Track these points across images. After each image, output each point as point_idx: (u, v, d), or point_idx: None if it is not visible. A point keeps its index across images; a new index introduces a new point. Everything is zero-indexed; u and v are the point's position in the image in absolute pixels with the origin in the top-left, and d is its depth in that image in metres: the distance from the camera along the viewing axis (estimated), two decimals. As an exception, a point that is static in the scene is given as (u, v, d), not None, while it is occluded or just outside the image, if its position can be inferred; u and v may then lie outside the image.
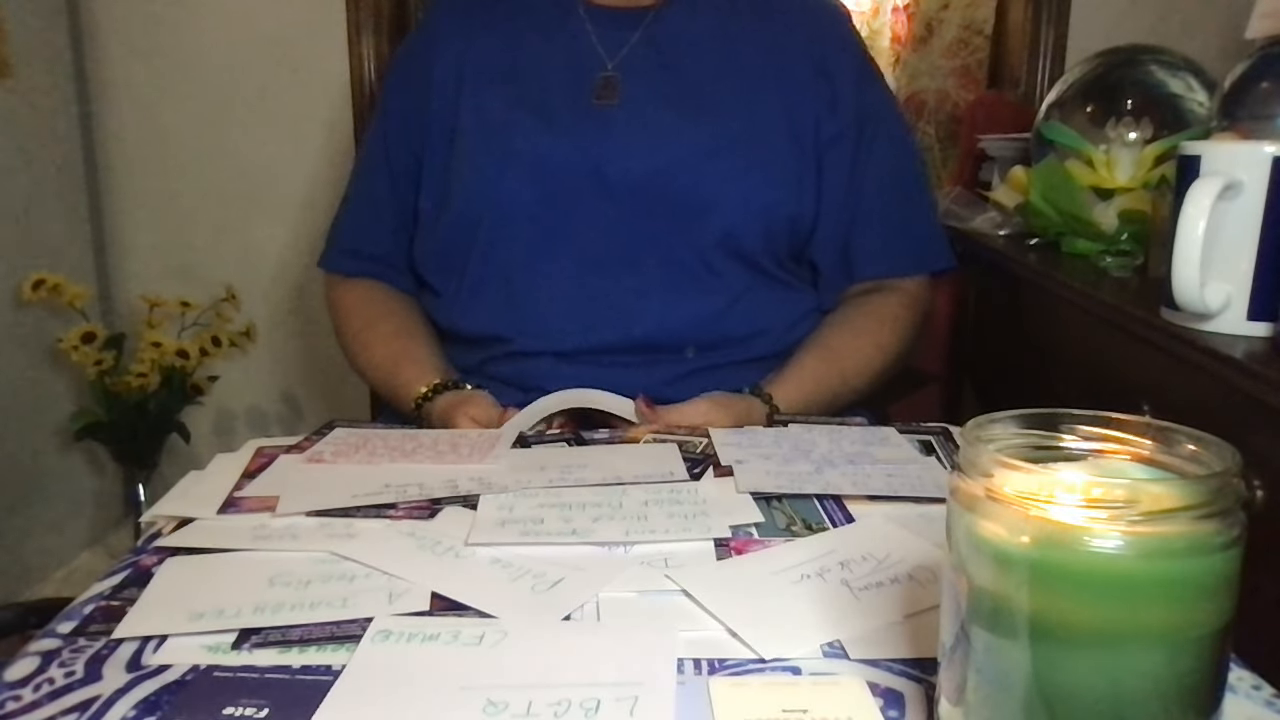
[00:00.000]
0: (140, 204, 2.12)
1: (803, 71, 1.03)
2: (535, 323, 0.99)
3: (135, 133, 2.09)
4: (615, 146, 0.99)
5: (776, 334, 1.02)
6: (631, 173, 0.98)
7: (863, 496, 0.65)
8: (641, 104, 1.01)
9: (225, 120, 2.07)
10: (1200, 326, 0.80)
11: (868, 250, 1.05)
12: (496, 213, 1.00)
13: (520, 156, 1.00)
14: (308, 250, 2.06)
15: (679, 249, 0.98)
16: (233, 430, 2.20)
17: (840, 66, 1.04)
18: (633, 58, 1.03)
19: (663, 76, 1.02)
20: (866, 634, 0.48)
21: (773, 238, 1.01)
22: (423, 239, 1.06)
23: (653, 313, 0.98)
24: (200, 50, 2.04)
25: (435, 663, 0.46)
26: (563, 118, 1.01)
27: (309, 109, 2.05)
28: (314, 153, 2.06)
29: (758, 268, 1.01)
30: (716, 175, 0.98)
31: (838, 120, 1.03)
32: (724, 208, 0.98)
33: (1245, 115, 0.96)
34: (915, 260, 1.08)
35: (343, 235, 1.12)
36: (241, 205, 2.10)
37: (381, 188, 1.09)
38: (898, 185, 1.07)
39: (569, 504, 0.64)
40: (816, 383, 0.98)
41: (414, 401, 0.97)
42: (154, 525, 0.64)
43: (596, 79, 1.02)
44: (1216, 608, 0.33)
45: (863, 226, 1.04)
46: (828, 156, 1.03)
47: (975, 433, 0.37)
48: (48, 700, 0.44)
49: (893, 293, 1.06)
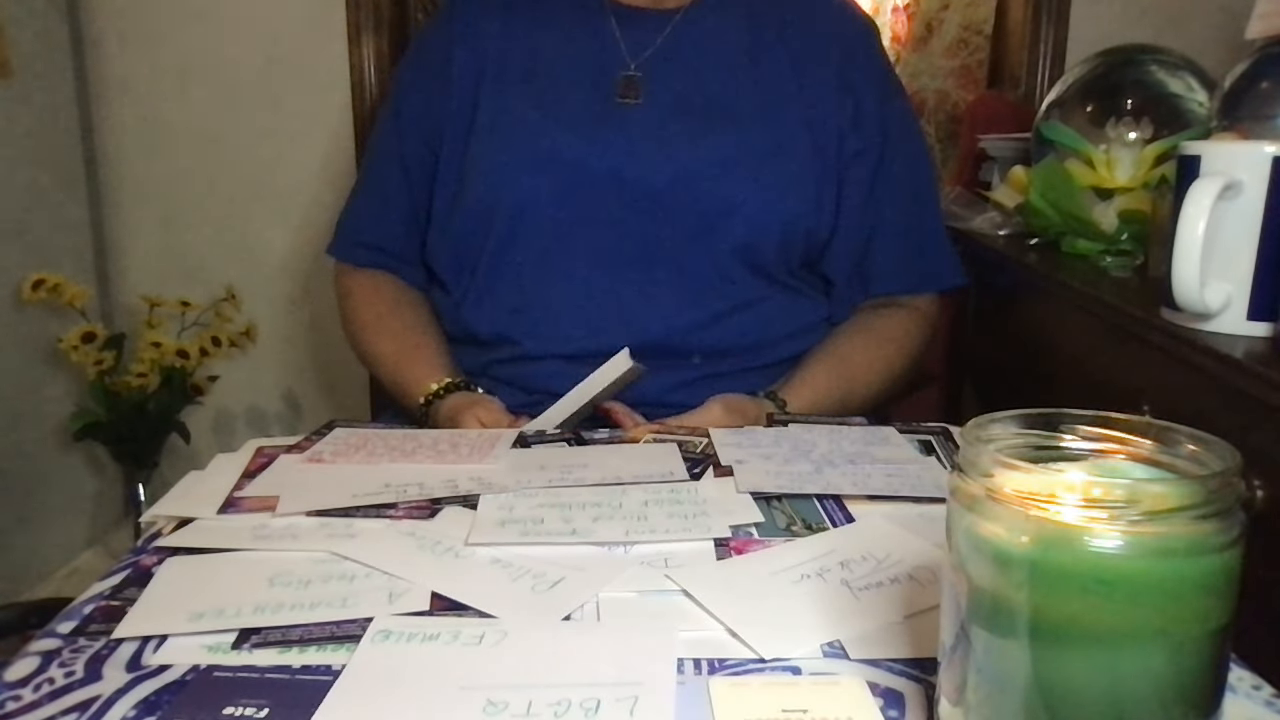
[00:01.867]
0: (140, 204, 2.12)
1: (827, 84, 1.02)
2: (544, 325, 0.98)
3: (135, 133, 2.08)
4: (635, 148, 0.98)
5: (784, 342, 1.02)
6: (649, 177, 0.97)
7: (863, 496, 0.65)
8: (663, 107, 1.00)
9: (225, 120, 2.07)
10: (1200, 326, 0.80)
11: (884, 267, 1.05)
12: (511, 210, 0.99)
13: (537, 154, 0.99)
14: (308, 250, 2.06)
15: (693, 256, 0.98)
16: (233, 430, 2.20)
17: (865, 81, 1.04)
18: (656, 59, 1.02)
19: (686, 81, 1.02)
20: (866, 634, 0.48)
21: (788, 249, 1.00)
22: (436, 235, 1.06)
23: (661, 318, 0.97)
24: (200, 50, 2.04)
25: (435, 663, 0.46)
26: (582, 116, 1.00)
27: (309, 109, 2.05)
28: (314, 152, 2.06)
29: (770, 277, 1.01)
30: (735, 185, 0.97)
31: (861, 136, 1.02)
32: (741, 218, 0.97)
33: (1245, 115, 0.96)
34: (929, 278, 1.08)
35: (354, 226, 1.12)
36: (241, 205, 2.10)
37: (395, 180, 1.08)
38: (915, 202, 1.07)
39: (569, 504, 0.63)
40: (827, 392, 0.98)
41: (423, 398, 0.96)
42: (154, 525, 0.64)
43: (618, 78, 1.01)
44: (1216, 608, 0.33)
45: (880, 243, 1.04)
46: (849, 172, 1.02)
47: (975, 433, 0.37)
48: (48, 700, 0.44)
49: (904, 309, 1.07)
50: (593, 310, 0.98)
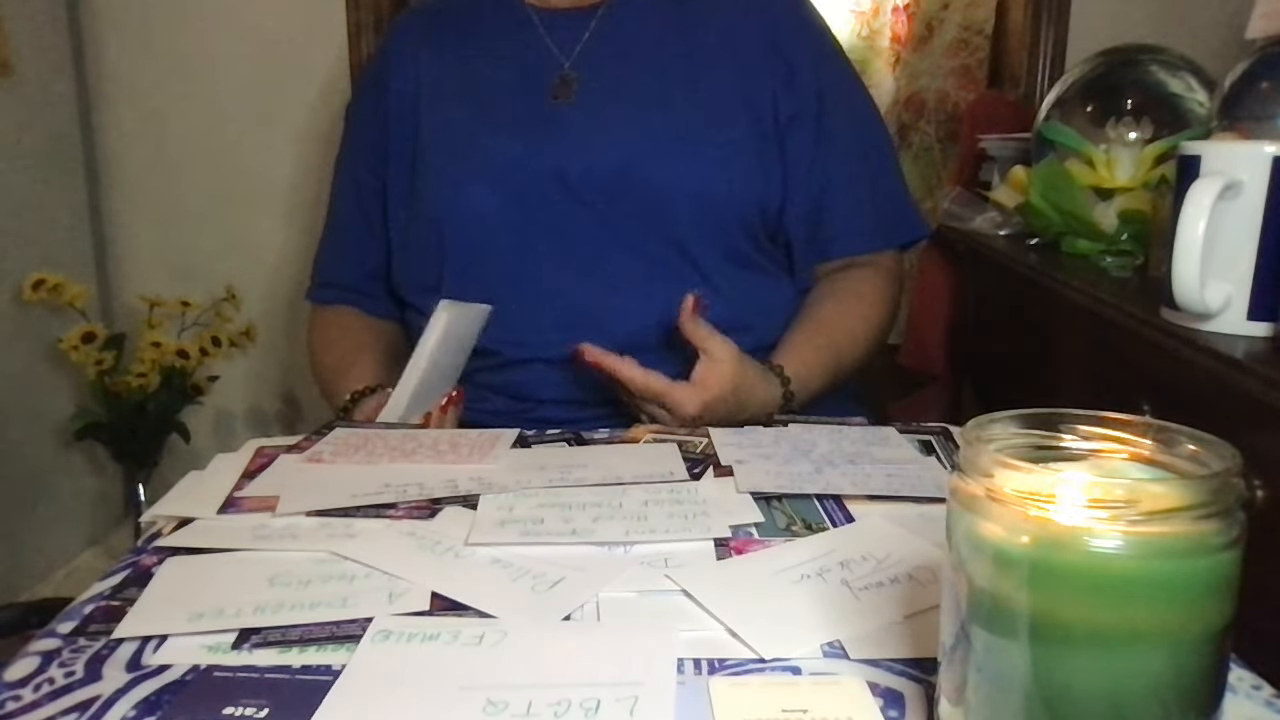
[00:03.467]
0: (140, 204, 2.12)
1: (758, 51, 1.02)
2: (520, 332, 0.98)
3: (135, 133, 2.09)
4: (574, 145, 0.98)
5: (761, 327, 1.01)
6: (592, 170, 0.97)
7: (863, 496, 0.65)
8: (598, 100, 1.00)
9: (225, 120, 2.07)
10: (1200, 326, 0.80)
11: (839, 228, 1.04)
12: (463, 222, 0.99)
13: (481, 163, 0.99)
14: (308, 250, 2.05)
15: (650, 242, 0.98)
16: (233, 430, 2.20)
17: (796, 44, 1.03)
18: (587, 55, 1.02)
19: (618, 70, 1.01)
20: (866, 634, 0.48)
21: (744, 222, 1.00)
22: (397, 261, 1.07)
23: (632, 311, 0.97)
24: (200, 50, 2.04)
25: (435, 663, 0.46)
26: (520, 120, 1.00)
27: (309, 109, 2.05)
28: (314, 153, 2.06)
29: (735, 254, 1.00)
30: (677, 166, 0.97)
31: (796, 98, 1.02)
32: (688, 196, 0.97)
33: (1245, 115, 0.96)
34: (885, 235, 1.07)
35: (321, 268, 1.14)
36: (241, 205, 2.10)
37: (350, 215, 1.10)
38: (863, 159, 1.06)
39: (569, 504, 0.63)
40: (819, 362, 0.97)
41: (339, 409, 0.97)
42: (154, 525, 0.64)
43: (553, 80, 1.02)
44: (1216, 608, 0.33)
45: (830, 203, 1.04)
46: (789, 135, 1.02)
47: (975, 433, 0.37)
48: (48, 700, 0.44)
49: (868, 268, 1.06)
50: (563, 311, 0.97)
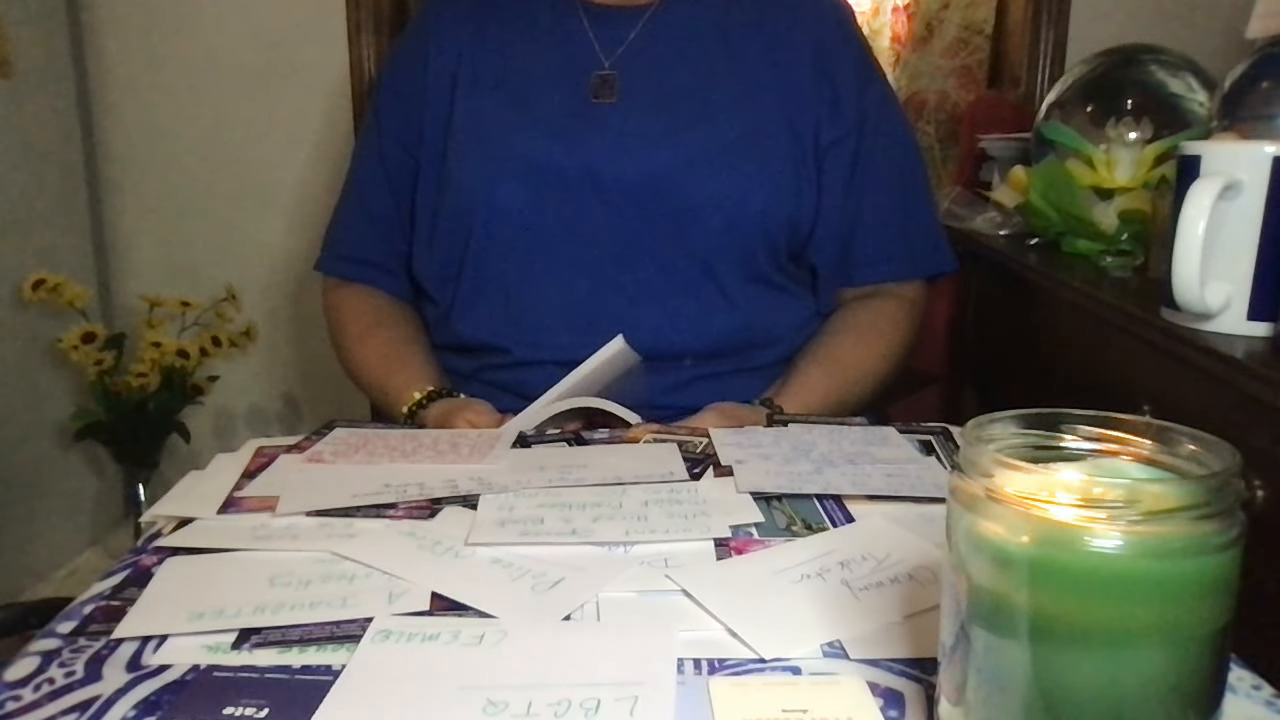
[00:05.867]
0: (140, 204, 2.12)
1: (803, 71, 1.01)
2: (533, 332, 0.98)
3: (135, 133, 2.09)
4: (610, 147, 0.97)
5: (777, 343, 1.02)
6: (626, 175, 0.96)
7: (863, 496, 0.65)
8: (638, 104, 0.99)
9: (225, 120, 2.07)
10: (1200, 326, 0.80)
11: (868, 255, 1.04)
12: (490, 216, 0.98)
13: (513, 157, 0.98)
14: (308, 250, 2.06)
15: (675, 254, 0.97)
16: (233, 430, 2.20)
17: (842, 66, 1.02)
18: (630, 56, 1.01)
19: (660, 76, 1.01)
20: (866, 634, 0.48)
21: (771, 241, 0.99)
22: (420, 246, 1.05)
23: (650, 320, 0.96)
24: (200, 50, 2.04)
25: (435, 663, 0.46)
26: (557, 117, 0.99)
27: (309, 109, 2.05)
28: (314, 152, 2.07)
29: (757, 274, 1.00)
30: (713, 179, 0.97)
31: (839, 123, 1.01)
32: (720, 212, 0.96)
33: (1245, 115, 0.96)
34: (914, 265, 1.07)
35: (340, 239, 1.11)
36: (241, 205, 2.10)
37: (378, 193, 1.08)
38: (899, 188, 1.06)
39: (569, 504, 0.63)
40: (824, 395, 0.97)
41: (406, 408, 0.96)
42: (154, 525, 0.64)
43: (593, 78, 1.00)
44: (1216, 608, 0.33)
45: (863, 230, 1.03)
46: (828, 159, 1.01)
47: (975, 433, 0.37)
48: (48, 700, 0.44)
49: (891, 298, 1.05)
50: (580, 314, 0.97)
